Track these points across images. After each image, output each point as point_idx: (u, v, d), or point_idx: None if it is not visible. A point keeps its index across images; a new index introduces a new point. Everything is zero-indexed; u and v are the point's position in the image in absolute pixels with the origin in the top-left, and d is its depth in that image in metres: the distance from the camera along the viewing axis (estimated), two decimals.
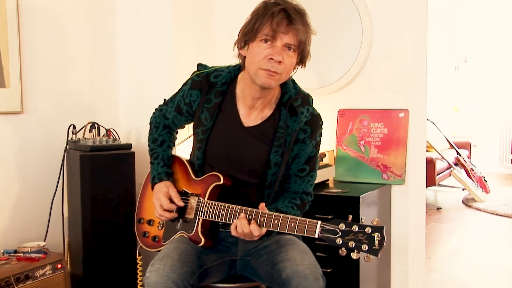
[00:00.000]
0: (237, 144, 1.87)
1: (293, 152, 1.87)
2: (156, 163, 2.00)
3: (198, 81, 1.91)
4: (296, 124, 1.84)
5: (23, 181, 2.66)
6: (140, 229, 2.04)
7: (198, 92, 1.90)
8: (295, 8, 1.73)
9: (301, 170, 1.90)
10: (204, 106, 1.90)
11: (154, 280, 1.67)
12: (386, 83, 2.84)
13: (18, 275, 2.28)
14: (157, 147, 2.04)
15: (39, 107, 2.71)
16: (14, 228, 2.62)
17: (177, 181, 1.97)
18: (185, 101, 1.94)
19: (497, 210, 5.49)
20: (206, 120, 1.89)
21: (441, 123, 6.61)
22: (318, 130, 1.91)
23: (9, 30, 2.53)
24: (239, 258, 1.92)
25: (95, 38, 2.99)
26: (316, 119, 1.90)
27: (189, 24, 3.01)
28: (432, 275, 3.56)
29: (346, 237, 1.57)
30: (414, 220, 2.84)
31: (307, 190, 1.92)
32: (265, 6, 1.73)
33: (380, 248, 1.53)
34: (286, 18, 1.70)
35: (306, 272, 1.66)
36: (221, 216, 1.79)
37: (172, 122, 2.06)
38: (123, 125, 3.11)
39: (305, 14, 1.75)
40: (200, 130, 1.90)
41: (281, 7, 1.70)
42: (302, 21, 1.72)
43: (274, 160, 1.84)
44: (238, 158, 1.87)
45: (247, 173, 1.87)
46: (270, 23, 1.69)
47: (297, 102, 1.85)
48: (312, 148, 1.90)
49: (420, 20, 2.77)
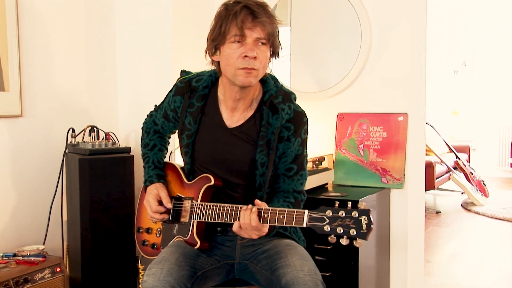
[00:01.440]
0: (222, 146, 1.88)
1: (279, 151, 1.86)
2: (147, 167, 2.02)
3: (181, 87, 1.92)
4: (278, 121, 1.83)
5: (22, 185, 2.66)
6: (139, 238, 2.05)
7: (181, 98, 1.92)
8: (256, 2, 1.74)
9: (289, 170, 1.89)
10: (188, 111, 1.91)
11: (151, 284, 1.67)
12: (385, 86, 2.84)
13: (17, 278, 2.27)
14: (148, 151, 2.06)
15: (38, 110, 2.71)
16: (13, 231, 2.61)
17: (171, 187, 1.99)
18: (171, 108, 1.96)
19: (496, 214, 5.48)
20: (190, 124, 1.90)
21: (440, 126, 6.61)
22: (302, 127, 1.89)
23: (9, 34, 2.53)
24: (237, 262, 1.91)
25: (94, 42, 2.99)
26: (299, 116, 1.88)
27: (188, 29, 3.02)
28: (431, 279, 3.56)
29: (334, 223, 1.55)
30: (413, 224, 2.84)
31: (298, 189, 1.91)
32: (226, 8, 1.74)
33: (368, 231, 1.51)
34: (250, 14, 1.70)
35: (306, 279, 1.66)
36: (215, 216, 1.79)
37: (161, 128, 2.07)
38: (122, 129, 3.11)
39: (267, 5, 1.76)
40: (185, 135, 1.91)
41: (241, 4, 1.71)
42: (266, 13, 1.73)
43: (260, 160, 1.83)
44: (225, 160, 1.87)
45: (235, 175, 1.88)
46: (235, 23, 1.70)
47: (277, 99, 1.85)
48: (298, 146, 1.89)
49: (419, 24, 2.77)
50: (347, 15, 2.88)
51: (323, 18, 3.00)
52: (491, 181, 7.17)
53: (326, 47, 3.00)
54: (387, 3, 2.81)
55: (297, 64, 3.05)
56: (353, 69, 2.87)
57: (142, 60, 3.02)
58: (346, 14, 2.89)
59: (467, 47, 8.05)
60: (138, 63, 3.04)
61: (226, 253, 1.92)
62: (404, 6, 2.77)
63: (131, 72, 3.08)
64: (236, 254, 1.91)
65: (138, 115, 3.01)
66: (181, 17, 2.97)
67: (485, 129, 7.91)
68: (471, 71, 8.07)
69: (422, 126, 2.83)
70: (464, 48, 8.06)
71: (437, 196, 6.62)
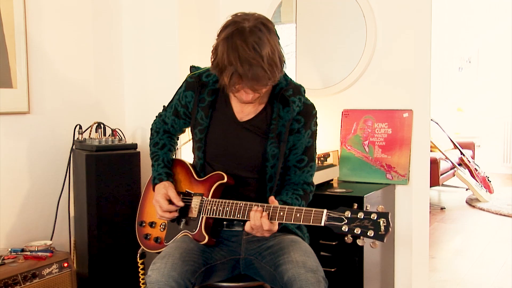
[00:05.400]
0: (233, 140, 1.88)
1: (289, 143, 1.87)
2: (156, 165, 2.01)
3: (191, 82, 1.92)
4: (289, 114, 1.84)
5: (30, 181, 2.66)
6: (141, 232, 2.04)
7: (192, 93, 1.92)
8: (247, 52, 1.61)
9: (300, 161, 1.90)
10: (199, 106, 1.91)
11: (155, 279, 1.67)
12: (390, 83, 2.83)
13: (25, 273, 2.28)
14: (158, 150, 2.05)
15: (45, 107, 2.71)
16: (21, 227, 2.62)
17: (180, 183, 1.98)
18: (182, 103, 1.96)
19: (500, 210, 5.46)
20: (202, 119, 1.90)
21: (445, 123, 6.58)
22: (312, 119, 1.90)
23: (16, 32, 2.53)
24: (243, 258, 1.91)
25: (101, 39, 2.99)
26: (309, 109, 1.89)
27: (194, 26, 3.01)
28: (436, 275, 3.55)
29: (352, 224, 1.56)
30: (418, 220, 2.82)
31: (308, 180, 1.92)
32: (222, 62, 1.66)
33: (386, 233, 1.52)
34: (239, 78, 1.64)
35: (308, 275, 1.66)
36: (226, 212, 1.79)
37: (171, 127, 2.07)
38: (129, 125, 3.11)
39: (260, 40, 1.63)
40: (197, 130, 1.91)
41: (233, 68, 1.63)
42: (256, 58, 1.62)
43: (271, 152, 1.84)
44: (236, 153, 1.88)
45: (246, 168, 1.88)
46: (229, 85, 1.68)
47: (288, 92, 1.85)
48: (308, 138, 1.90)
49: (424, 21, 2.75)
50: (352, 12, 2.87)
51: (328, 15, 2.99)
52: (495, 177, 7.14)
53: (331, 44, 2.98)
54: (392, 1, 2.80)
55: (303, 61, 3.04)
56: (358, 66, 2.86)
57: (148, 56, 3.02)
58: (351, 11, 2.87)
59: (471, 44, 8.00)
60: (144, 60, 3.04)
61: (231, 248, 1.92)
62: (409, 3, 2.76)
63: (137, 69, 3.08)
64: (241, 250, 1.91)
65: (145, 112, 3.02)
66: (187, 13, 2.96)
67: (489, 125, 7.87)
68: (475, 68, 8.03)
69: (427, 122, 2.82)
70: (469, 45, 8.01)
71: (442, 192, 6.60)
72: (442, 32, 7.75)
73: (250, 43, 1.61)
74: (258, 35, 1.63)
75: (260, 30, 1.64)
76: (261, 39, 1.63)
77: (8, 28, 2.50)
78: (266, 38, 1.64)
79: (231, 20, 1.68)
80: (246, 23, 1.65)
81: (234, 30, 1.64)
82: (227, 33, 1.65)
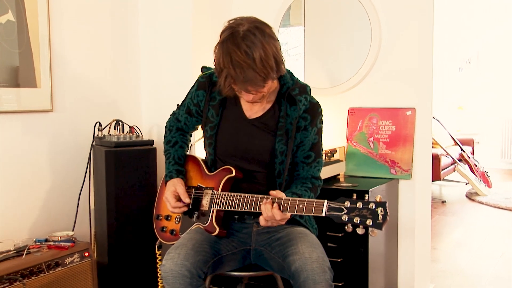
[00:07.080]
0: (243, 137, 1.88)
1: (297, 140, 1.87)
2: (168, 162, 2.03)
3: (202, 82, 1.93)
4: (295, 112, 1.84)
5: (53, 175, 2.68)
6: (158, 225, 2.05)
7: (203, 92, 1.93)
8: (239, 56, 1.61)
9: (307, 157, 1.90)
10: (210, 104, 1.91)
11: (169, 268, 1.68)
12: (394, 82, 2.81)
13: (49, 262, 2.30)
14: (170, 148, 2.06)
15: (67, 105, 2.72)
16: (45, 218, 2.64)
17: (192, 177, 1.99)
18: (194, 102, 1.97)
19: (499, 204, 5.43)
20: (213, 116, 1.90)
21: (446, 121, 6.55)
22: (318, 117, 1.89)
23: (40, 35, 2.54)
24: (253, 248, 1.91)
25: (119, 40, 3.00)
26: (315, 107, 1.89)
27: (207, 26, 3.00)
28: (437, 265, 3.53)
29: (352, 214, 1.57)
30: (420, 213, 2.81)
31: (315, 175, 1.92)
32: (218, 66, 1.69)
33: (384, 222, 1.52)
34: (232, 80, 1.66)
35: (314, 266, 1.65)
36: (235, 205, 1.79)
37: (184, 124, 2.07)
38: (145, 123, 3.12)
39: (249, 44, 1.62)
40: (208, 127, 1.92)
41: (227, 71, 1.64)
42: (247, 62, 1.61)
43: (280, 149, 1.84)
44: (245, 149, 1.88)
45: (256, 163, 1.88)
46: (223, 86, 1.70)
47: (294, 91, 1.84)
48: (315, 135, 1.89)
49: (427, 22, 2.73)
50: (358, 15, 2.85)
51: (335, 18, 2.97)
52: (494, 172, 7.09)
53: (338, 45, 2.97)
54: (396, 2, 2.77)
55: (311, 62, 3.02)
56: (364, 66, 2.84)
57: (163, 57, 3.02)
58: (357, 13, 2.85)
59: (471, 45, 7.94)
60: (159, 60, 3.04)
61: (242, 239, 1.92)
62: (412, 5, 2.73)
63: (153, 69, 3.08)
64: (252, 241, 1.91)
65: (160, 109, 3.03)
66: (201, 14, 2.95)
67: (488, 123, 7.83)
68: (475, 68, 7.97)
69: (429, 120, 2.80)
70: (469, 46, 7.95)
71: (443, 186, 6.57)
72: (443, 34, 7.69)
73: (242, 47, 1.61)
74: (251, 39, 1.63)
75: (254, 34, 1.64)
76: (253, 42, 1.62)
77: (33, 31, 2.51)
78: (259, 41, 1.63)
79: (228, 25, 1.70)
80: (241, 28, 1.65)
81: (228, 35, 1.65)
82: (223, 37, 1.67)
